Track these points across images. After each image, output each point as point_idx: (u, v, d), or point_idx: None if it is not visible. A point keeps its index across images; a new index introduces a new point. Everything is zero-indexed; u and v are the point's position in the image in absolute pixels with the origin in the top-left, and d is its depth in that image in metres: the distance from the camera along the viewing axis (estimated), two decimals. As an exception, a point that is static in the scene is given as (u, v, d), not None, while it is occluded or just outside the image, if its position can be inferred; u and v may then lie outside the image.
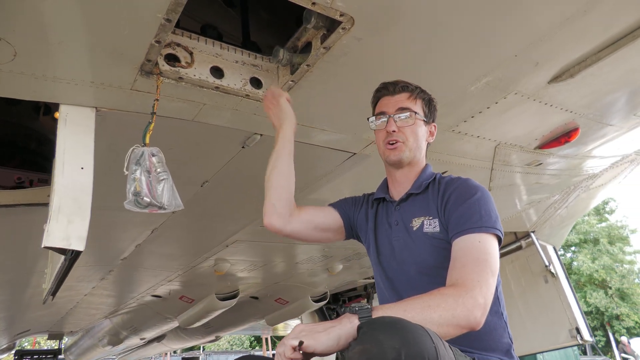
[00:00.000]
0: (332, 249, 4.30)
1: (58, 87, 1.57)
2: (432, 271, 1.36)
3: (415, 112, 1.49)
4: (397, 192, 1.56)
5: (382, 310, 1.09)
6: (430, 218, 1.41)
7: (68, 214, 1.53)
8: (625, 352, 17.12)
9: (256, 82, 1.81)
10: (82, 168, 1.60)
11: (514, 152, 2.75)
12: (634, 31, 1.76)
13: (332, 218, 1.67)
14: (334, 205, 1.71)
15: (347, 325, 1.05)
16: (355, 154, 2.45)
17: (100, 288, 4.74)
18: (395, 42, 1.66)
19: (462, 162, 2.75)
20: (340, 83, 1.82)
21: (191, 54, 1.68)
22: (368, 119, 1.57)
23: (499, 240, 1.32)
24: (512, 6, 1.54)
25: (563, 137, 2.62)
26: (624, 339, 18.28)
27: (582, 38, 1.77)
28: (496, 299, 1.35)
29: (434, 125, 1.59)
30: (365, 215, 1.64)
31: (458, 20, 1.60)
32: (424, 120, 1.52)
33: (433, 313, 1.09)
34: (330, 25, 1.55)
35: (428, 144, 1.60)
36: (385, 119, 1.49)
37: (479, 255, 1.25)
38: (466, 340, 1.24)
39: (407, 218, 1.47)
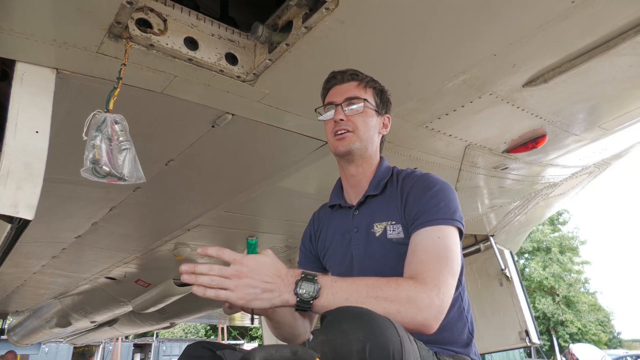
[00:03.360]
0: (295, 240, 4.26)
1: (15, 42, 1.45)
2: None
3: (365, 100, 1.42)
4: (354, 193, 1.47)
5: (327, 290, 1.07)
6: (394, 223, 1.34)
7: (18, 179, 1.41)
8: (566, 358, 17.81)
9: (232, 58, 1.74)
10: (36, 132, 1.48)
11: (483, 153, 2.79)
12: (608, 42, 1.81)
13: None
14: (300, 264, 1.62)
15: (283, 297, 1.06)
16: (327, 142, 2.41)
17: (51, 267, 4.52)
18: (377, 29, 1.63)
19: (432, 160, 2.77)
20: (318, 66, 1.77)
21: (165, 21, 1.59)
22: (316, 110, 1.49)
23: (460, 233, 1.27)
24: (497, 4, 1.54)
25: (531, 142, 2.68)
26: (572, 347, 18.98)
27: (559, 43, 1.80)
28: (458, 296, 1.34)
29: (388, 117, 1.52)
30: (319, 235, 1.57)
31: (442, 14, 1.58)
32: (375, 110, 1.45)
33: (377, 305, 1.03)
34: (314, 4, 1.51)
35: (383, 137, 1.53)
36: (333, 109, 1.42)
37: (439, 252, 1.18)
38: (425, 336, 1.24)
39: (368, 223, 1.39)
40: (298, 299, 1.06)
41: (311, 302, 1.06)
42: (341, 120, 1.40)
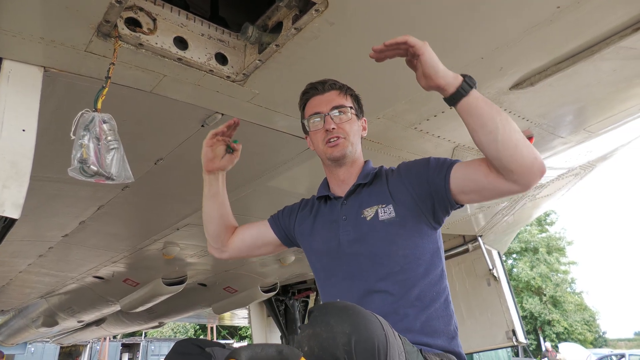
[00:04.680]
0: (285, 240, 4.26)
1: (2, 40, 1.43)
2: (388, 260, 1.36)
3: (350, 107, 1.50)
4: (342, 189, 1.54)
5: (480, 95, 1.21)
6: (384, 206, 1.41)
7: (4, 178, 1.41)
8: (545, 358, 18.01)
9: (222, 58, 1.75)
10: (23, 130, 1.48)
11: (471, 155, 2.82)
12: (593, 46, 1.84)
13: (266, 234, 1.71)
14: (270, 219, 1.74)
15: (450, 76, 1.21)
16: (317, 143, 2.42)
17: (38, 265, 4.47)
18: (366, 31, 1.64)
19: (421, 161, 2.79)
20: (307, 67, 1.78)
21: (154, 20, 1.59)
22: (302, 122, 1.55)
23: None
24: (484, 8, 1.57)
25: (518, 144, 2.71)
26: (548, 345, 19.24)
27: (545, 48, 1.83)
28: (445, 288, 1.39)
29: (365, 120, 1.60)
30: (303, 217, 1.63)
31: (430, 17, 1.60)
32: (356, 115, 1.53)
33: (513, 130, 1.19)
34: (304, 6, 1.52)
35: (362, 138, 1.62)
36: (320, 118, 1.48)
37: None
38: (414, 324, 1.26)
39: (357, 210, 1.45)
40: (465, 79, 1.21)
41: (472, 89, 1.20)
42: (333, 128, 1.46)
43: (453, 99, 1.23)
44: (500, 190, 1.27)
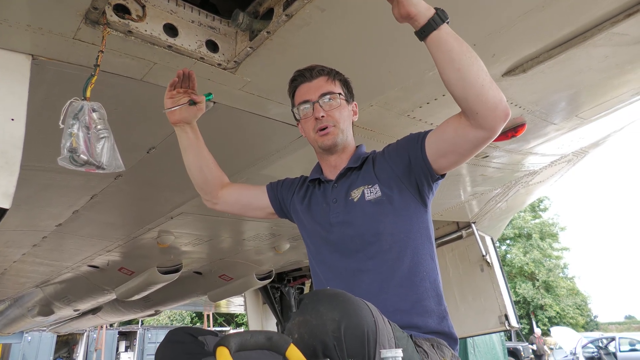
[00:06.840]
0: (280, 228, 4.28)
1: (-12, 27, 1.41)
2: (376, 239, 1.38)
3: (339, 93, 1.50)
4: (333, 174, 1.57)
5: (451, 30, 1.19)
6: (370, 186, 1.44)
7: (-6, 167, 1.39)
8: (533, 344, 18.21)
9: (212, 46, 1.73)
10: (12, 119, 1.46)
11: (464, 142, 2.82)
12: (585, 32, 1.84)
13: (262, 200, 1.73)
14: (268, 186, 1.75)
15: (423, 6, 1.20)
16: (310, 131, 2.41)
17: (32, 255, 4.47)
18: (357, 17, 1.63)
19: (414, 149, 2.79)
20: (299, 54, 1.77)
21: (143, 7, 1.56)
22: (292, 110, 1.56)
23: None
24: (476, -6, 1.56)
25: (510, 131, 2.72)
26: (537, 331, 19.43)
27: (538, 34, 1.82)
28: (434, 268, 1.41)
29: (355, 104, 1.61)
30: (300, 197, 1.65)
31: (422, 3, 1.59)
32: (346, 100, 1.54)
33: (480, 69, 1.18)
34: (294, -8, 1.50)
35: (352, 122, 1.62)
36: (310, 106, 1.49)
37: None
38: (404, 303, 1.28)
39: (346, 193, 1.48)
40: (437, 12, 1.20)
41: (443, 23, 1.19)
42: (322, 116, 1.46)
43: (423, 32, 1.21)
44: (469, 139, 1.28)
